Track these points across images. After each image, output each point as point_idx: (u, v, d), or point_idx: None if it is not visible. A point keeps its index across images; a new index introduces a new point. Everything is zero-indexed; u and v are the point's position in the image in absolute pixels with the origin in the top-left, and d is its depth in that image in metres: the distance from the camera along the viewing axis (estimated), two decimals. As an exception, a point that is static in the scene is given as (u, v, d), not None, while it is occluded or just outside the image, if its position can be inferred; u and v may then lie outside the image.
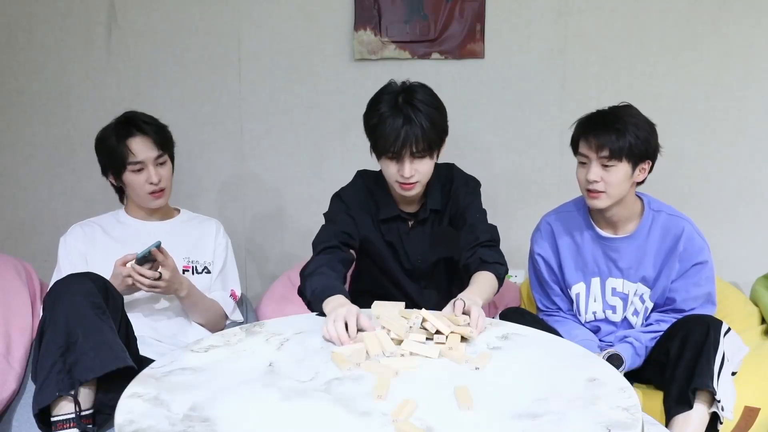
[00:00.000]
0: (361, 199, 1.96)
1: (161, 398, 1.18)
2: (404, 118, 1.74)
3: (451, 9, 2.71)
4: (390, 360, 1.35)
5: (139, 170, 1.97)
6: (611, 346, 1.94)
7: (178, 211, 2.18)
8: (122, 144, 1.96)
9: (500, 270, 1.83)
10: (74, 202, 2.95)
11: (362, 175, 2.02)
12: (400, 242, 1.96)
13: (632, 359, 1.90)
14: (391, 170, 1.81)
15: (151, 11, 2.81)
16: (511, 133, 2.81)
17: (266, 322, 1.59)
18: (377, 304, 1.62)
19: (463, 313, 1.55)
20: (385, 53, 2.74)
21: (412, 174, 1.78)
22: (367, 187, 1.98)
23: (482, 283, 1.75)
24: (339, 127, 2.83)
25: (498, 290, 1.82)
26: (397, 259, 1.98)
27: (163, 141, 2.02)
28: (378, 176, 1.96)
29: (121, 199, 2.13)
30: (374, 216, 1.95)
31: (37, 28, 2.85)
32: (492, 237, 1.90)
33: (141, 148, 1.97)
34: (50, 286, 1.74)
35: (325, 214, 1.97)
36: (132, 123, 1.99)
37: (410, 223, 1.97)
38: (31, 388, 1.80)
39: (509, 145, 2.81)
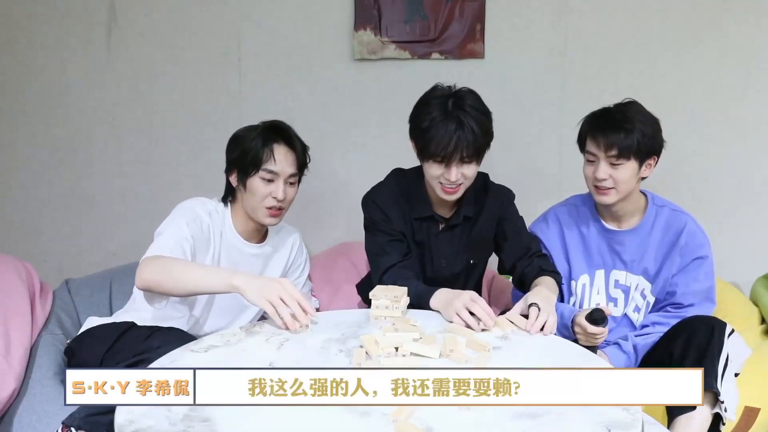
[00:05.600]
0: (395, 198, 1.97)
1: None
2: (456, 123, 1.75)
3: (451, 9, 2.71)
4: (390, 360, 1.35)
5: (270, 180, 1.87)
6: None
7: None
8: (267, 148, 1.86)
9: (559, 278, 1.94)
10: (74, 202, 2.95)
11: (396, 174, 2.03)
12: (428, 243, 1.98)
13: (618, 357, 1.90)
14: (435, 172, 1.82)
15: (151, 11, 2.81)
16: (511, 133, 2.80)
17: (266, 322, 1.59)
18: (379, 289, 1.64)
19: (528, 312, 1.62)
20: (385, 53, 2.74)
21: (458, 178, 1.81)
22: (401, 186, 1.99)
23: (549, 285, 1.83)
24: (339, 127, 2.83)
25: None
26: (422, 261, 2.00)
27: (302, 162, 1.95)
28: (413, 175, 1.99)
29: (225, 200, 1.99)
30: (408, 214, 1.97)
31: (37, 28, 2.84)
32: (540, 247, 2.02)
33: (283, 159, 1.88)
34: (150, 252, 1.68)
35: (365, 221, 1.98)
36: (282, 132, 1.91)
37: (441, 226, 1.98)
38: (31, 388, 1.81)
39: (509, 145, 2.81)
